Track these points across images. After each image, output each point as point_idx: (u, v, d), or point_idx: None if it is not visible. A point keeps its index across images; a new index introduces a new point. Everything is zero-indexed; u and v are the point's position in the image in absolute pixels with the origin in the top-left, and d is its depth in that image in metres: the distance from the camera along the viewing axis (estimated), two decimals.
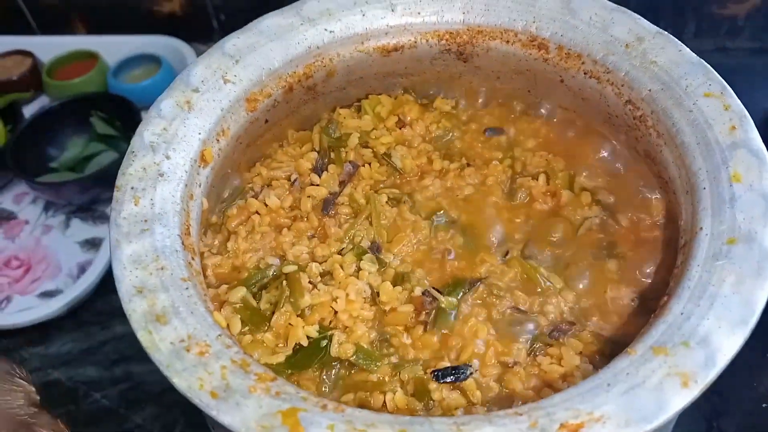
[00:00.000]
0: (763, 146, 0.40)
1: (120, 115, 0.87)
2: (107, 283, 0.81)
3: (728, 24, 0.93)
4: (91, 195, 0.85)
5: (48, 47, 0.96)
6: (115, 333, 0.79)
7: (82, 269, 0.82)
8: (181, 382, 0.34)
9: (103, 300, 0.81)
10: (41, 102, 0.95)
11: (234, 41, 0.48)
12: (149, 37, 0.96)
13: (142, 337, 0.35)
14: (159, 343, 0.35)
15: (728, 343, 0.33)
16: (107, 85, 0.93)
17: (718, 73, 0.46)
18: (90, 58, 0.95)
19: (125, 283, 0.37)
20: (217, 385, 0.34)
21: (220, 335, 0.36)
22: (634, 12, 0.49)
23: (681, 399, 0.32)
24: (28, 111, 0.92)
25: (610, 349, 0.42)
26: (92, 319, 0.80)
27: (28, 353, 0.75)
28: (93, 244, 0.83)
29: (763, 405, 0.62)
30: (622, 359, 0.34)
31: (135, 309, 0.36)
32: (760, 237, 0.36)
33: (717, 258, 0.37)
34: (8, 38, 0.98)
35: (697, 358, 0.33)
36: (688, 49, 0.46)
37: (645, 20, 0.47)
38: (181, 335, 0.36)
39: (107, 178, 0.82)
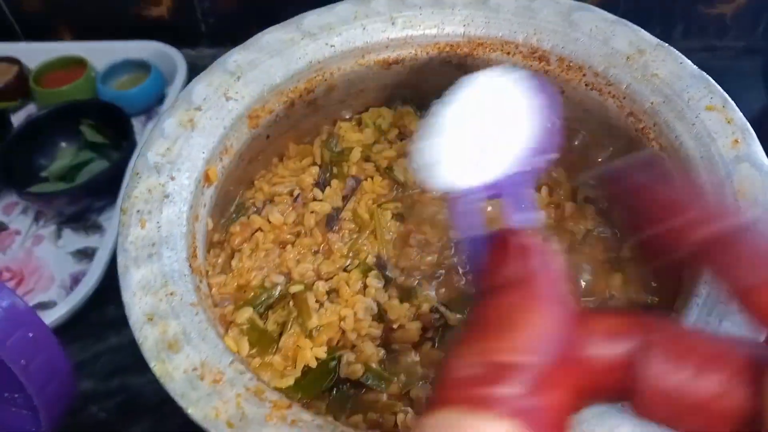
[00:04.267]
0: (766, 160, 0.41)
1: (110, 122, 0.86)
2: (101, 294, 0.80)
3: (716, 24, 0.93)
4: (82, 205, 0.83)
5: (34, 54, 0.95)
6: (110, 345, 0.79)
7: (76, 280, 0.81)
8: (196, 412, 0.33)
9: (97, 311, 0.80)
10: (29, 110, 0.93)
11: (235, 57, 0.48)
12: (137, 42, 0.95)
13: (155, 367, 0.35)
14: (173, 372, 0.35)
15: None
16: (96, 92, 0.92)
17: (709, 74, 0.46)
18: (78, 64, 0.93)
19: (135, 310, 0.37)
20: (232, 414, 0.33)
21: (233, 361, 0.36)
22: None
23: None
24: (16, 119, 0.91)
25: None
26: (86, 331, 0.79)
27: None
28: (86, 254, 0.82)
29: None
30: None
31: (146, 336, 0.36)
32: None
33: None
34: None
35: None
36: (689, 61, 0.46)
37: (645, 32, 0.48)
38: (194, 363, 0.35)
39: (98, 188, 0.81)
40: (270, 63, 0.48)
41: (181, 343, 0.36)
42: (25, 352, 0.49)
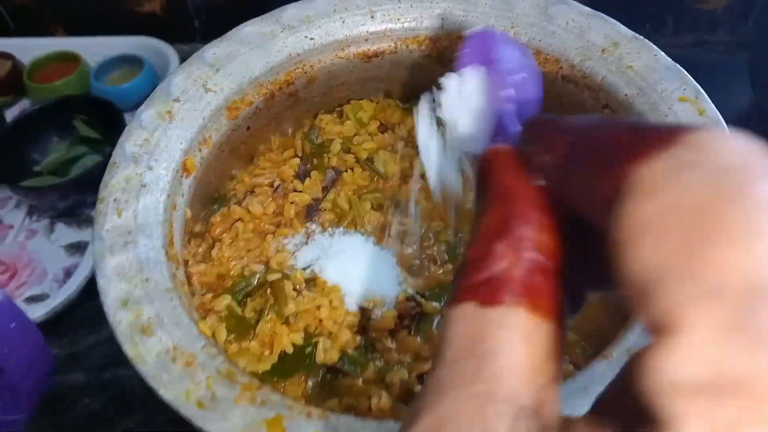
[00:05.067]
0: None
1: (103, 117, 0.87)
2: (93, 287, 0.80)
3: (707, 19, 0.94)
4: (74, 199, 0.84)
5: (28, 49, 0.96)
6: (102, 337, 0.79)
7: (68, 273, 0.82)
8: (167, 393, 0.34)
9: (89, 304, 0.81)
10: (22, 105, 0.95)
11: (214, 50, 0.49)
12: (130, 38, 0.96)
13: (128, 349, 0.36)
14: (145, 355, 0.36)
15: None
16: (89, 87, 0.93)
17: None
18: (71, 59, 0.94)
19: (110, 295, 0.38)
20: (203, 395, 0.34)
21: (204, 345, 0.37)
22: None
23: None
24: (10, 114, 0.92)
25: (594, 350, 0.43)
26: (78, 323, 0.80)
27: None
28: (78, 247, 0.84)
29: None
30: (600, 363, 0.35)
31: (120, 321, 0.37)
32: None
33: None
34: None
35: None
36: (663, 53, 0.47)
37: (621, 25, 0.48)
38: (167, 346, 0.36)
39: (90, 182, 0.82)
40: (249, 55, 0.49)
41: (154, 327, 0.37)
42: (8, 341, 0.50)
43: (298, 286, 0.46)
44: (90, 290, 0.80)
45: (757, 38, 0.82)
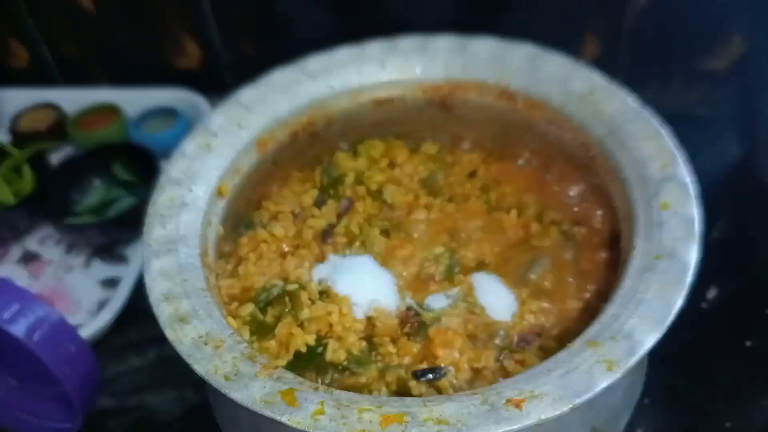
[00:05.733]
0: (689, 179, 0.50)
1: (140, 163, 0.98)
2: (124, 319, 0.90)
3: (711, 77, 1.02)
4: (110, 237, 0.94)
5: (72, 99, 1.08)
6: (131, 366, 0.88)
7: (101, 306, 0.91)
8: (200, 368, 0.44)
9: (119, 335, 0.90)
10: (66, 151, 1.06)
11: (247, 93, 0.60)
12: (167, 90, 1.08)
13: (169, 333, 0.45)
14: (183, 338, 0.45)
15: (648, 337, 0.43)
16: (128, 135, 1.05)
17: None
18: (112, 110, 1.06)
19: (155, 291, 0.48)
20: (229, 370, 0.43)
21: (232, 334, 0.46)
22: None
23: (606, 379, 0.41)
24: (55, 159, 1.04)
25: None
26: (109, 353, 0.89)
27: None
28: (112, 282, 0.93)
29: None
30: (563, 351, 0.44)
31: (163, 311, 0.46)
32: (680, 253, 0.46)
33: (645, 270, 0.46)
34: (36, 92, 1.11)
35: (621, 348, 0.42)
36: (632, 98, 0.56)
37: (598, 75, 0.58)
38: (200, 332, 0.46)
39: (126, 222, 0.92)
40: (277, 98, 0.60)
41: (190, 317, 0.46)
42: (67, 359, 0.60)
43: (312, 297, 0.55)
44: (121, 322, 0.90)
45: (742, 96, 0.90)
